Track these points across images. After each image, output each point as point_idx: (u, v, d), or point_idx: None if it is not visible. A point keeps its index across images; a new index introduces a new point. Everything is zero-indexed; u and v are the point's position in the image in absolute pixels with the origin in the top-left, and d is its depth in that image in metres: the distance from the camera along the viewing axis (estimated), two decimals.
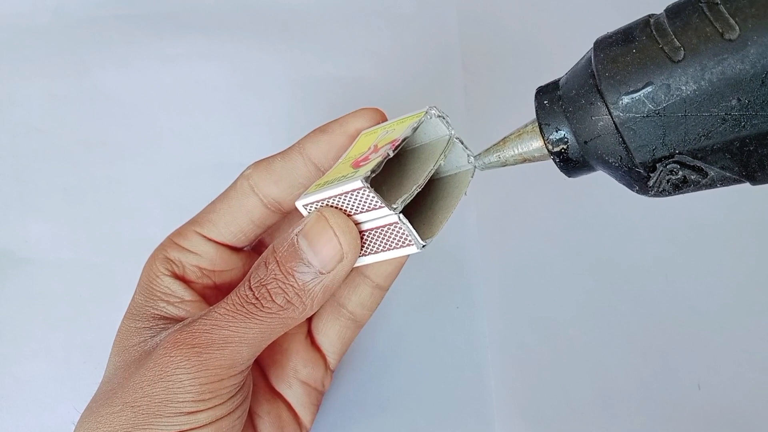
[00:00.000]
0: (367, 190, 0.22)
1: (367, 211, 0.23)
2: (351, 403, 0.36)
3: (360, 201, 0.23)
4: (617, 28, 0.21)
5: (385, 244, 0.24)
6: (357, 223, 0.24)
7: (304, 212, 0.25)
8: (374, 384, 0.37)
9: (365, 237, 0.24)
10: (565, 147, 0.22)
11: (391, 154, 0.23)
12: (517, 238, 0.41)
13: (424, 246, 0.23)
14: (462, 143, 0.25)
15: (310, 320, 0.32)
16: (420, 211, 0.25)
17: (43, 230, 0.40)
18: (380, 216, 0.23)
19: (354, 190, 0.22)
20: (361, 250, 0.25)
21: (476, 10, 0.48)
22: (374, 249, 0.24)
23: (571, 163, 0.22)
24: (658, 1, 0.21)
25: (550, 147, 0.22)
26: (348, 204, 0.23)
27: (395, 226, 0.23)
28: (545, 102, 0.22)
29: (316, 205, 0.24)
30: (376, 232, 0.24)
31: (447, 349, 0.38)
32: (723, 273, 0.40)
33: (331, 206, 0.24)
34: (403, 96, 0.44)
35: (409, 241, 0.23)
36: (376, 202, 0.22)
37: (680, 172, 0.20)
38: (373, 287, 0.31)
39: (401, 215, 0.22)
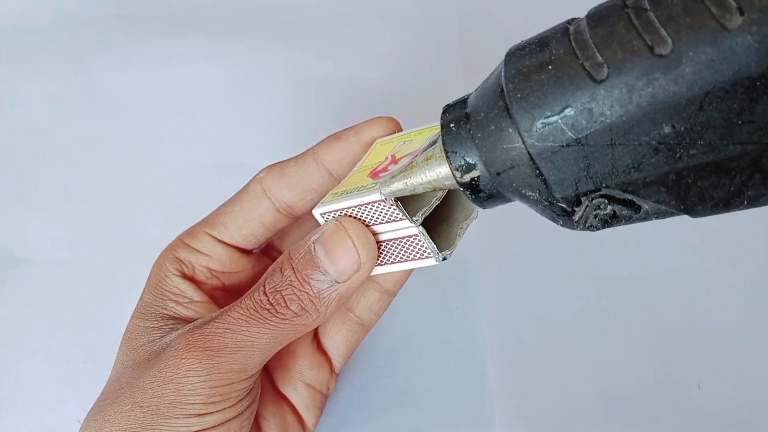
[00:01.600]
0: (389, 202, 0.22)
1: (387, 222, 0.23)
2: (352, 404, 0.36)
3: (380, 212, 0.23)
4: (533, 36, 0.18)
5: (403, 255, 0.24)
6: (374, 234, 0.24)
7: (321, 221, 0.25)
8: (374, 384, 0.37)
9: (382, 247, 0.24)
10: (475, 178, 0.19)
11: None
12: (516, 238, 0.41)
13: (444, 259, 0.23)
14: None
15: None
16: (435, 222, 0.25)
17: (43, 230, 0.40)
18: (399, 228, 0.23)
19: (375, 202, 0.22)
20: (378, 260, 0.25)
21: (476, 10, 0.48)
22: (391, 259, 0.24)
23: (482, 195, 0.20)
24: None
25: (458, 176, 0.19)
26: (367, 214, 0.23)
27: (414, 239, 0.23)
28: (451, 125, 0.19)
29: (334, 214, 0.24)
30: (394, 243, 0.24)
31: (447, 349, 0.38)
32: (723, 273, 0.40)
33: (350, 216, 0.24)
34: (403, 96, 0.45)
35: (428, 253, 0.23)
36: (397, 214, 0.22)
37: (609, 207, 0.17)
38: (382, 292, 0.31)
39: (421, 228, 0.22)
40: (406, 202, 0.23)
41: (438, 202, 0.23)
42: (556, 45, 0.17)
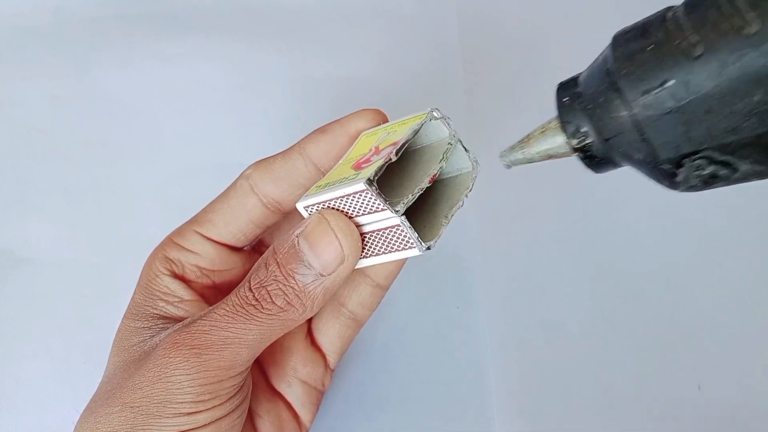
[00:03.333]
0: (370, 192, 0.22)
1: (369, 213, 0.23)
2: (350, 403, 0.36)
3: (362, 203, 0.23)
4: (635, 22, 0.21)
5: (387, 246, 0.24)
6: (358, 225, 0.24)
7: (305, 214, 0.25)
8: (374, 383, 0.37)
9: (366, 239, 0.24)
10: (588, 144, 0.22)
11: (394, 158, 0.22)
12: (517, 238, 0.41)
13: (428, 248, 0.23)
14: (463, 145, 0.25)
15: (310, 319, 0.32)
16: (421, 213, 0.25)
17: (43, 230, 0.40)
18: (382, 218, 0.23)
19: (356, 193, 0.22)
20: (362, 252, 0.24)
21: (476, 10, 0.48)
22: (375, 251, 0.24)
23: (595, 160, 0.22)
24: (657, 1, 0.21)
25: (573, 144, 0.22)
26: (349, 206, 0.23)
27: (397, 229, 0.23)
28: (565, 99, 0.22)
29: (317, 207, 0.24)
30: (377, 234, 0.24)
31: (447, 349, 0.38)
32: (723, 274, 0.40)
33: (333, 208, 0.24)
34: (403, 96, 0.44)
35: (411, 243, 0.23)
36: (379, 204, 0.22)
37: (708, 168, 0.19)
38: (374, 286, 0.31)
39: (403, 218, 0.22)
40: (389, 193, 0.23)
41: (421, 192, 0.23)
42: (656, 29, 0.19)
